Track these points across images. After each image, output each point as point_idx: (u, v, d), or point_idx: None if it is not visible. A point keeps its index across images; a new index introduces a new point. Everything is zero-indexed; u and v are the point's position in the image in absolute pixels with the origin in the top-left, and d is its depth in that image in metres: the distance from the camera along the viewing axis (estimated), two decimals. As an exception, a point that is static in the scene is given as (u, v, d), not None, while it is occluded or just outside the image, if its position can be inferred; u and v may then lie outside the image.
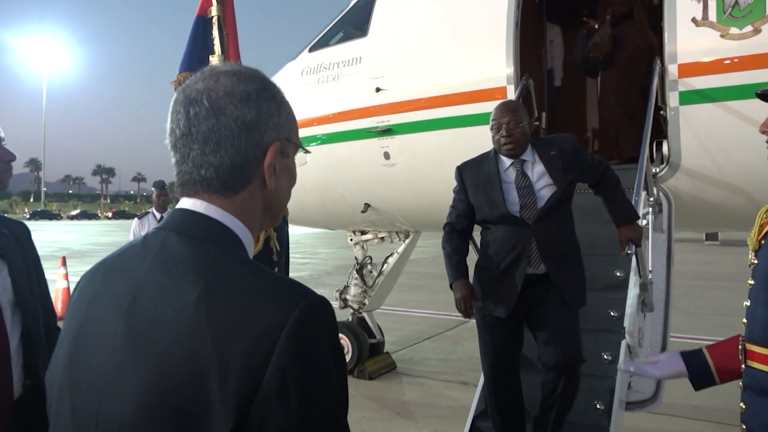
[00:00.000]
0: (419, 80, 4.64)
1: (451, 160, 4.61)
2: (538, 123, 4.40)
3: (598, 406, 2.86)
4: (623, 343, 2.92)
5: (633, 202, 2.97)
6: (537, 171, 2.82)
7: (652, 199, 3.51)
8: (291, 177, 0.97)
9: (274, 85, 0.94)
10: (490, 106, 4.32)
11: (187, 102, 0.88)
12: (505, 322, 2.82)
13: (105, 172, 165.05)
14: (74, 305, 0.92)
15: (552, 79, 5.21)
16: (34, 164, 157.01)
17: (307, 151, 1.06)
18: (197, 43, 2.39)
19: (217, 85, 0.88)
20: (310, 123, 5.16)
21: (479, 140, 4.20)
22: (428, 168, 4.68)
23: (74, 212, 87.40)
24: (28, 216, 74.71)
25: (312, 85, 5.23)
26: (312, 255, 21.02)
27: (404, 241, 5.94)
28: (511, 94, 4.15)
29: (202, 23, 2.40)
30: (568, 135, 2.96)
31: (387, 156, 4.80)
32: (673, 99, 3.76)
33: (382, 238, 6.02)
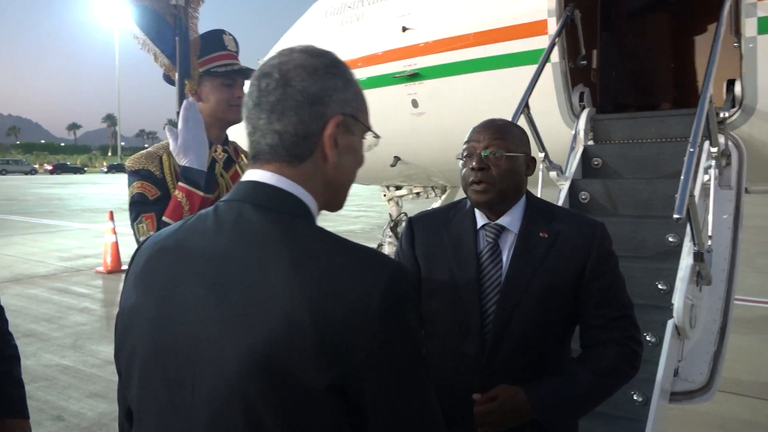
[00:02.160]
0: (449, 17, 4.10)
1: (487, 107, 4.12)
2: (585, 62, 3.80)
3: (635, 398, 2.41)
4: (669, 323, 2.44)
5: (688, 155, 2.41)
6: (512, 251, 1.57)
7: (716, 150, 2.92)
8: (356, 157, 0.99)
9: (343, 64, 0.97)
10: (528, 44, 3.78)
11: (261, 75, 0.93)
12: None
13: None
14: (145, 276, 0.95)
15: (609, 6, 4.46)
16: (111, 120, 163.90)
17: (376, 136, 1.03)
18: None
19: (289, 59, 0.93)
20: (334, 69, 4.73)
21: (516, 84, 3.68)
22: (461, 116, 4.18)
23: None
24: (105, 170, 78.25)
25: (336, 27, 4.78)
26: (368, 208, 20.83)
27: (441, 196, 5.53)
28: (553, 28, 3.57)
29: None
30: (594, 220, 1.61)
31: (415, 104, 4.34)
32: (750, 27, 3.09)
33: (417, 194, 5.63)
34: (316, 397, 0.79)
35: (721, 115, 3.23)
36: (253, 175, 0.93)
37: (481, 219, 1.61)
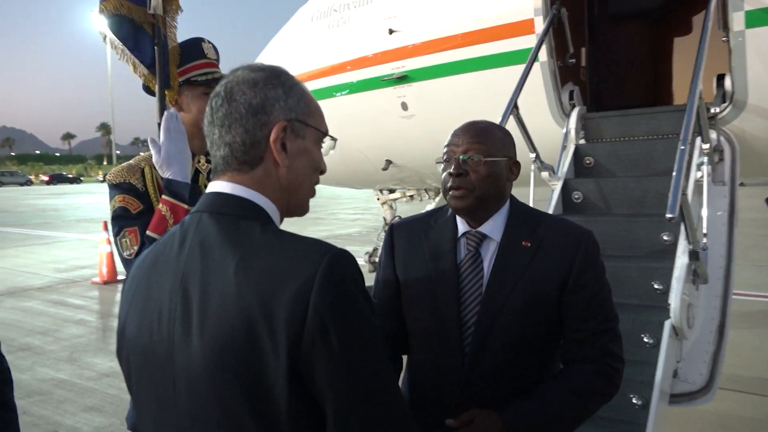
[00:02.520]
0: (436, 18, 4.07)
1: (476, 108, 4.09)
2: (573, 61, 3.77)
3: (633, 401, 2.36)
4: (667, 323, 2.41)
5: (679, 152, 2.38)
6: (493, 261, 1.49)
7: (708, 146, 2.89)
8: (310, 160, 1.04)
9: (283, 74, 1.05)
10: (515, 44, 3.75)
11: (213, 95, 1.03)
12: None
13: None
14: (132, 291, 1.07)
15: (596, 4, 4.42)
16: (105, 128, 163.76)
17: (333, 138, 1.09)
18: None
19: (233, 77, 1.03)
20: (322, 74, 4.70)
21: (505, 84, 3.64)
22: (451, 118, 4.12)
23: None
24: (101, 179, 78.04)
25: (322, 31, 4.74)
26: (364, 210, 20.78)
27: (434, 199, 5.50)
28: (540, 27, 3.54)
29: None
30: (581, 228, 1.51)
31: (404, 107, 4.31)
32: (737, 21, 3.07)
33: (411, 197, 5.60)
34: (280, 384, 0.86)
35: (712, 110, 3.20)
36: (212, 186, 1.03)
37: (462, 226, 1.52)
